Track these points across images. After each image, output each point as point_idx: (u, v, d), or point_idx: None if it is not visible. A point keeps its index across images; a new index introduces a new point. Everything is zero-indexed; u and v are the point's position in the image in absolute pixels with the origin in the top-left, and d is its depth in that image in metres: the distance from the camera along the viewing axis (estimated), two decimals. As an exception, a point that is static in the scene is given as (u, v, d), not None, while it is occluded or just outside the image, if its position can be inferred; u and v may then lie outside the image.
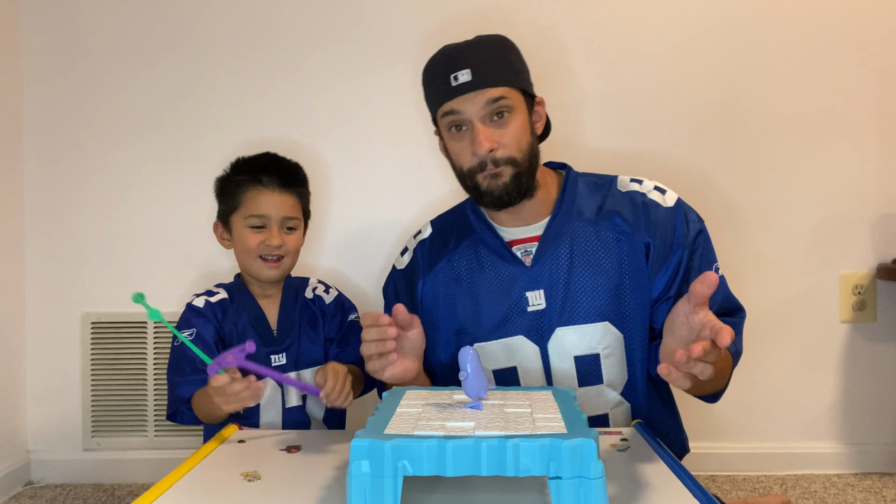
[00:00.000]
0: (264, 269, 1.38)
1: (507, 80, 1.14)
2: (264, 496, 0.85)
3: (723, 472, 1.92)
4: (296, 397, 1.40)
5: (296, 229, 1.42)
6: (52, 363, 1.93)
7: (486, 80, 1.12)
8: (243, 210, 1.39)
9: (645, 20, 1.90)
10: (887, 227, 1.92)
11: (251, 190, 1.38)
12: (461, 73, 1.13)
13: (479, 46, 1.16)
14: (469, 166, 1.16)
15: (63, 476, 1.93)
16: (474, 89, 1.12)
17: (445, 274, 1.25)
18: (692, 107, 1.90)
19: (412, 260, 1.31)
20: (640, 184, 1.23)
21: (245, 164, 1.44)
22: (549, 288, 1.17)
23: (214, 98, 1.92)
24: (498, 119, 1.14)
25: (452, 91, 1.13)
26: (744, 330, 1.21)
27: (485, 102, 1.12)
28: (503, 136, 1.14)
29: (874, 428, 1.93)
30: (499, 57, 1.15)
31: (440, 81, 1.16)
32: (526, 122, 1.17)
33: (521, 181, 1.15)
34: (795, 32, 1.90)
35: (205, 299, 1.40)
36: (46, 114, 1.93)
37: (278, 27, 1.91)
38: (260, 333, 1.39)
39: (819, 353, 1.93)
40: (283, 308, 1.43)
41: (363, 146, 1.92)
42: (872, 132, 1.91)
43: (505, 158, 1.14)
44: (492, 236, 1.23)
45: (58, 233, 1.94)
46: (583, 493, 0.70)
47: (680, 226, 1.18)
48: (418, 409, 0.84)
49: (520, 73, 1.18)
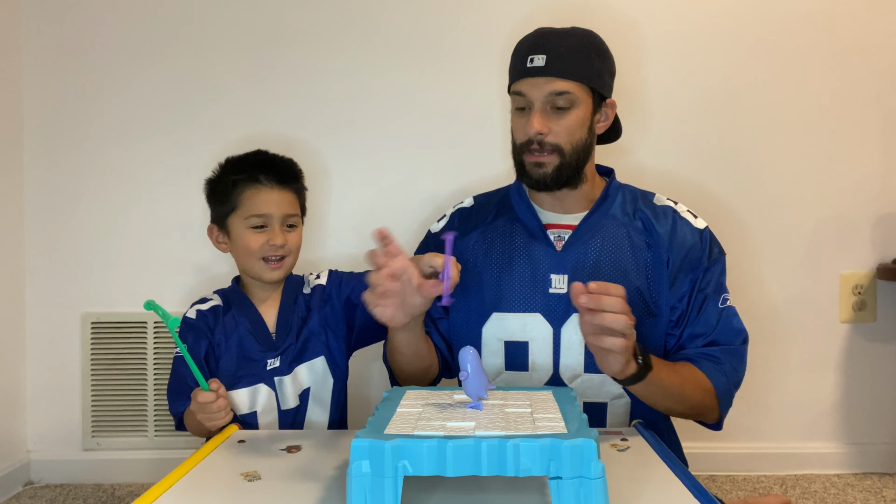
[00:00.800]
0: (267, 271, 1.36)
1: (578, 75, 1.18)
2: (264, 496, 0.85)
3: (723, 472, 1.92)
4: (292, 399, 1.38)
5: (296, 227, 1.40)
6: (52, 363, 1.94)
7: (556, 70, 1.17)
8: (242, 211, 1.35)
9: (644, 20, 1.90)
10: (887, 227, 1.92)
11: (249, 189, 1.35)
12: (537, 56, 1.18)
13: (566, 36, 1.20)
14: (520, 142, 1.22)
15: (63, 476, 1.93)
16: (543, 75, 1.17)
17: (477, 243, 1.30)
18: (692, 107, 1.90)
19: (448, 224, 1.36)
20: (675, 203, 1.30)
21: (238, 162, 1.41)
22: (574, 274, 1.22)
23: (214, 98, 1.92)
24: (558, 110, 1.18)
25: (525, 71, 1.19)
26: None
27: (549, 91, 1.17)
28: (557, 124, 1.19)
29: (874, 428, 1.93)
30: (580, 51, 1.19)
31: (519, 59, 1.21)
32: (586, 118, 1.21)
33: (561, 173, 1.20)
34: (795, 32, 1.90)
35: (196, 309, 1.38)
36: (46, 114, 1.93)
37: (278, 26, 1.91)
38: (258, 338, 1.37)
39: (819, 353, 1.93)
40: (282, 311, 1.40)
41: (364, 142, 1.92)
42: (872, 132, 1.92)
43: (552, 145, 1.19)
44: (530, 215, 1.28)
45: (58, 233, 1.94)
46: (583, 493, 0.70)
47: (706, 248, 1.24)
48: (418, 409, 0.84)
49: (595, 72, 1.21)
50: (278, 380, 1.36)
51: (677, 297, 1.22)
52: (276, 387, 1.36)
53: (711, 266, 1.24)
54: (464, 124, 1.90)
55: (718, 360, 1.19)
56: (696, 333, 1.22)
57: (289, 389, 1.37)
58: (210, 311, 1.38)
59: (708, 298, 1.23)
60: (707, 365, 1.18)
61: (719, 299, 1.24)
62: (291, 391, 1.37)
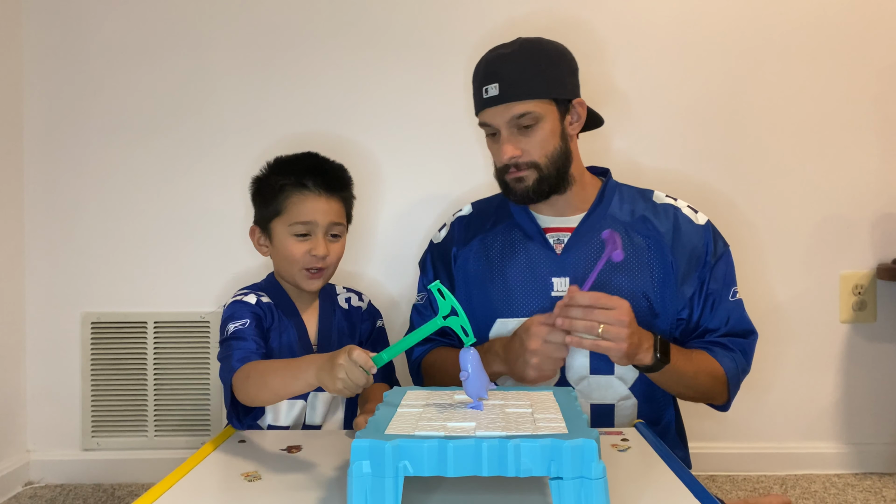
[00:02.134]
0: (306, 281, 1.30)
1: (535, 92, 1.20)
2: (264, 496, 0.85)
3: (723, 472, 1.92)
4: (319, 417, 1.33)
5: (340, 237, 1.34)
6: (52, 363, 1.93)
7: (511, 95, 1.20)
8: (287, 217, 1.29)
9: (645, 21, 1.90)
10: (887, 227, 1.92)
11: (296, 195, 1.29)
12: (490, 86, 1.21)
13: (512, 58, 1.21)
14: (499, 166, 1.26)
15: (63, 476, 1.93)
16: (500, 103, 1.20)
17: (478, 251, 1.32)
18: (692, 107, 1.90)
19: (449, 234, 1.39)
20: (675, 200, 1.32)
21: (287, 164, 1.34)
22: (575, 277, 1.23)
23: (215, 98, 1.92)
24: (525, 129, 1.21)
25: (483, 103, 1.23)
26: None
27: (511, 117, 1.20)
28: (528, 143, 1.22)
29: (874, 428, 1.93)
30: (529, 69, 1.20)
31: (476, 91, 1.25)
32: (555, 128, 1.23)
33: (542, 185, 1.23)
34: (795, 32, 1.90)
35: (256, 297, 1.29)
36: (46, 114, 1.93)
37: (278, 26, 1.91)
38: (303, 349, 1.32)
39: (819, 353, 1.93)
40: (323, 322, 1.36)
41: (379, 144, 1.92)
42: (872, 132, 1.91)
43: (527, 163, 1.22)
44: (528, 220, 1.30)
45: (58, 233, 1.93)
46: (584, 493, 0.70)
47: (710, 244, 1.26)
48: (419, 410, 0.84)
49: (551, 83, 1.22)
50: (313, 395, 1.32)
51: (687, 296, 1.24)
52: (309, 401, 1.33)
53: (717, 262, 1.26)
54: (460, 126, 1.90)
55: (729, 348, 1.25)
56: (709, 328, 1.26)
57: (319, 407, 1.34)
58: (267, 307, 1.30)
59: (718, 296, 1.25)
60: (719, 351, 1.24)
61: (729, 293, 1.27)
62: (321, 409, 1.34)
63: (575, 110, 1.26)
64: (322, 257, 1.28)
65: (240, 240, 1.85)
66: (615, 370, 1.23)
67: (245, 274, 1.88)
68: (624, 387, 1.24)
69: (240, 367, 1.14)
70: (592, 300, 1.06)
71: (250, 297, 1.29)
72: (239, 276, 1.88)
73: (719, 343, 1.25)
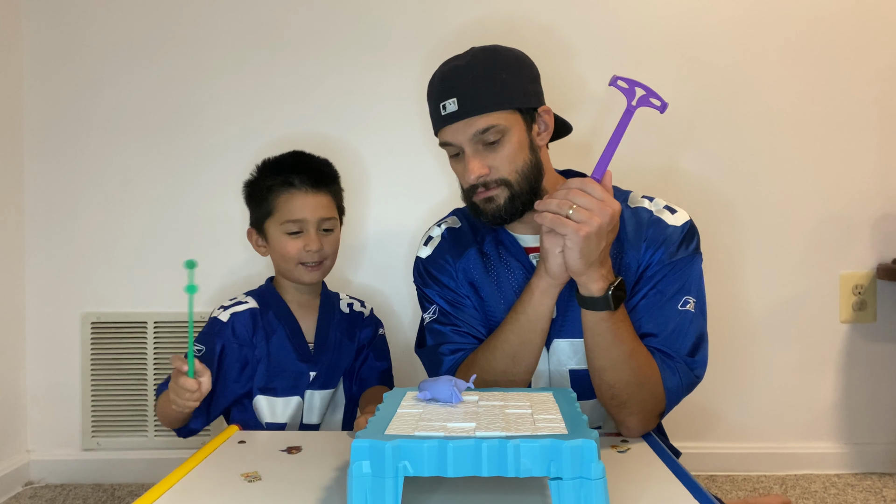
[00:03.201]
0: (305, 274, 1.34)
1: (496, 104, 1.11)
2: (264, 496, 0.85)
3: (723, 472, 1.92)
4: (317, 416, 1.37)
5: (333, 230, 1.37)
6: (52, 363, 1.93)
7: (472, 110, 1.10)
8: (278, 216, 1.32)
9: (645, 20, 1.90)
10: (887, 227, 1.92)
11: (284, 194, 1.32)
12: (448, 102, 1.11)
13: (467, 70, 1.12)
14: (466, 186, 1.17)
15: (63, 476, 1.93)
16: (461, 119, 1.11)
17: (477, 261, 1.23)
18: (692, 107, 1.90)
19: (440, 245, 1.28)
20: (650, 201, 1.20)
21: (273, 165, 1.37)
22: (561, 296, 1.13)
23: (215, 98, 1.92)
24: (490, 145, 1.12)
25: (442, 120, 1.13)
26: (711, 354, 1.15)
27: (473, 133, 1.11)
28: (495, 159, 1.12)
29: (874, 428, 1.93)
30: (487, 79, 1.11)
31: (433, 108, 1.16)
32: (522, 140, 1.14)
33: (515, 202, 1.14)
34: (795, 32, 1.90)
35: (231, 311, 1.33)
36: (46, 114, 1.93)
37: (278, 27, 1.91)
38: (296, 347, 1.34)
39: (819, 353, 1.93)
40: (322, 323, 1.38)
41: (371, 148, 1.92)
42: (872, 132, 1.91)
43: (497, 180, 1.12)
44: (510, 240, 1.23)
45: (58, 233, 1.93)
46: (583, 493, 0.70)
47: (673, 244, 1.14)
48: (419, 410, 0.84)
49: (513, 92, 1.13)
50: (310, 393, 1.35)
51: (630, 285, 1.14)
52: (306, 399, 1.35)
53: (676, 263, 1.13)
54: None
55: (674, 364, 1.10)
56: (645, 332, 1.11)
57: (317, 405, 1.36)
58: (248, 315, 1.34)
59: (665, 299, 1.12)
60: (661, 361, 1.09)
61: (680, 301, 1.13)
62: (319, 407, 1.36)
63: (542, 119, 1.17)
64: (316, 251, 1.32)
65: (239, 240, 1.85)
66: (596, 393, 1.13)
67: (244, 273, 1.88)
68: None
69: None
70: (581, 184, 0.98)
71: (223, 315, 1.32)
72: (238, 276, 1.88)
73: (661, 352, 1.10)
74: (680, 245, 1.14)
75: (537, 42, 1.80)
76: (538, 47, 1.31)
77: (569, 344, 1.16)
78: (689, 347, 1.11)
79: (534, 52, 1.20)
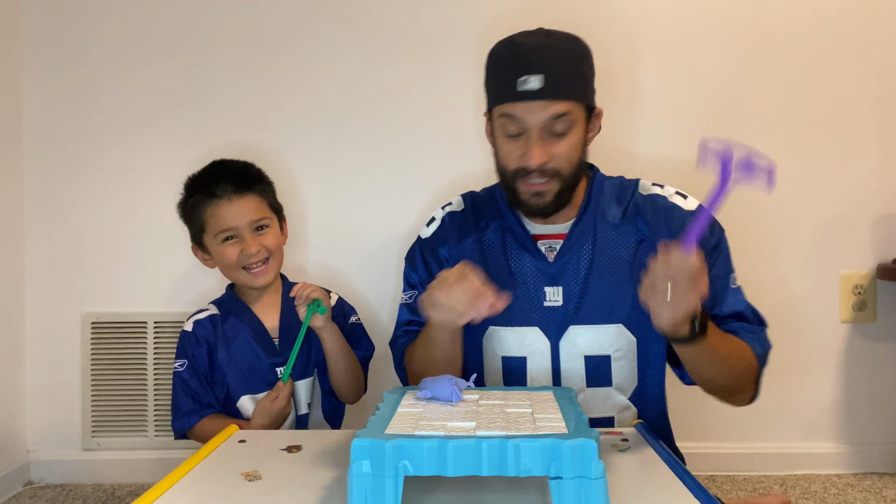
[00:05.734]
0: (251, 279, 1.36)
1: (577, 93, 1.09)
2: (265, 496, 0.85)
3: (723, 472, 1.92)
4: (304, 405, 1.40)
5: (269, 227, 1.38)
6: (52, 363, 1.93)
7: (556, 92, 1.06)
8: (210, 229, 1.35)
9: (645, 20, 1.90)
10: (887, 227, 1.92)
11: (209, 206, 1.34)
12: (533, 77, 1.05)
13: (555, 50, 1.08)
14: (514, 168, 1.13)
15: (63, 476, 1.93)
16: (540, 98, 1.06)
17: (474, 251, 1.22)
18: (691, 106, 1.90)
19: (439, 230, 1.28)
20: (661, 188, 1.23)
21: (194, 181, 1.40)
22: (568, 286, 1.17)
23: (215, 98, 1.92)
24: (557, 135, 1.09)
25: (518, 94, 1.07)
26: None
27: (549, 116, 1.07)
28: (557, 149, 1.10)
29: (874, 428, 1.93)
30: (575, 66, 1.09)
31: (506, 79, 1.08)
32: (581, 137, 1.13)
33: (561, 198, 1.14)
34: (795, 32, 1.90)
35: (194, 321, 1.39)
36: (46, 114, 1.93)
37: (279, 26, 1.91)
38: (262, 345, 1.37)
39: (819, 353, 1.93)
40: (284, 318, 1.40)
41: (357, 147, 1.92)
42: (872, 132, 1.91)
43: (553, 170, 1.11)
44: (519, 227, 1.22)
45: (58, 233, 1.93)
46: (584, 493, 0.70)
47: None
48: (419, 409, 0.84)
49: (588, 86, 1.12)
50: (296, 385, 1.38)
51: None
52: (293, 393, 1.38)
53: (715, 248, 1.18)
54: (442, 124, 1.90)
55: (751, 331, 1.17)
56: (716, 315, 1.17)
57: (301, 396, 1.39)
58: (208, 321, 1.38)
59: (721, 282, 1.18)
60: (741, 331, 1.16)
61: (729, 279, 1.20)
62: (304, 398, 1.39)
63: (597, 120, 1.16)
64: (255, 253, 1.33)
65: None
66: (612, 381, 1.18)
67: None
68: (623, 397, 1.20)
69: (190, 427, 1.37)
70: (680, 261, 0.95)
71: (188, 325, 1.38)
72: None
73: (735, 330, 1.16)
74: (710, 228, 1.18)
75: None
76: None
77: (588, 331, 1.16)
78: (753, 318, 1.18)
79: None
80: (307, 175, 1.90)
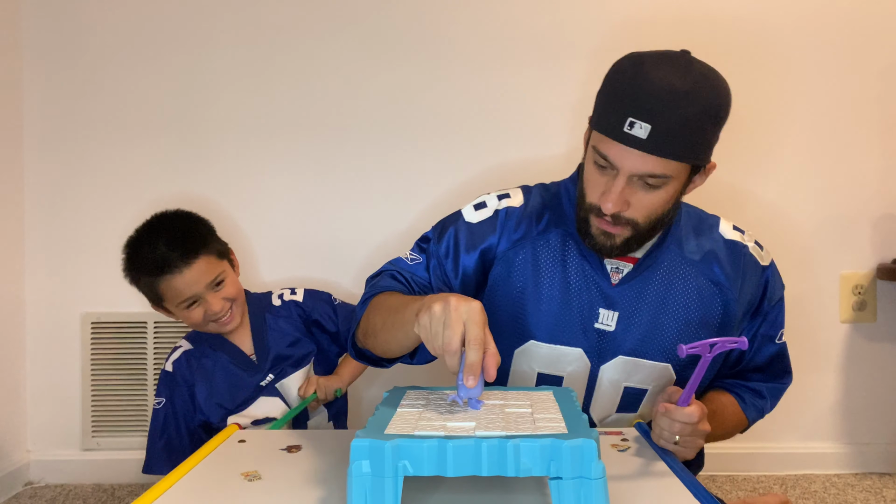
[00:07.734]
0: (222, 327, 1.37)
1: (686, 154, 0.98)
2: (265, 496, 0.85)
3: (723, 472, 1.92)
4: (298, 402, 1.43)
5: (225, 278, 1.37)
6: (52, 363, 1.93)
7: (660, 149, 0.96)
8: (170, 300, 1.34)
9: (645, 20, 1.90)
10: (887, 227, 1.92)
11: (162, 282, 1.31)
12: (639, 124, 0.95)
13: (680, 97, 0.96)
14: (590, 200, 1.05)
15: (63, 476, 1.93)
16: (641, 149, 0.96)
17: (525, 257, 1.12)
18: (692, 107, 1.90)
19: (490, 219, 1.14)
20: (742, 234, 1.18)
21: (136, 257, 1.35)
22: (625, 313, 1.10)
23: (215, 98, 1.92)
24: (646, 187, 1.01)
25: (620, 135, 0.97)
26: None
27: (643, 171, 0.99)
28: (640, 200, 1.01)
29: (874, 428, 1.93)
30: (695, 124, 0.97)
31: (615, 113, 0.98)
32: (674, 194, 1.04)
33: (630, 244, 1.06)
34: (795, 32, 1.90)
35: (172, 361, 1.40)
36: (46, 114, 1.93)
37: (280, 24, 1.91)
38: (241, 367, 1.39)
39: (819, 353, 1.93)
40: (255, 333, 1.42)
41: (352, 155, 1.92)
42: (872, 132, 1.91)
43: (627, 219, 1.03)
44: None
45: (58, 233, 1.93)
46: (583, 493, 0.70)
47: (771, 290, 1.18)
48: (419, 409, 0.84)
49: (705, 148, 1.02)
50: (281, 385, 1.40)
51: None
52: (284, 394, 1.39)
53: (772, 309, 1.20)
54: (443, 124, 1.90)
55: (762, 395, 1.22)
56: (749, 367, 1.22)
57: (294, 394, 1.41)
58: (183, 359, 1.40)
59: (768, 339, 1.21)
60: (749, 399, 1.21)
61: (777, 335, 1.22)
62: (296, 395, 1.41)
63: (703, 174, 1.07)
64: (219, 310, 1.34)
65: (239, 240, 1.86)
66: (639, 409, 1.17)
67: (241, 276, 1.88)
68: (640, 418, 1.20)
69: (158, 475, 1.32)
70: (683, 416, 0.96)
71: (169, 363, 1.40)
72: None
73: (753, 390, 1.21)
74: (775, 290, 1.20)
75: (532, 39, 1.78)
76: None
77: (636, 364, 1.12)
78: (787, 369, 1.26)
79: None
80: (307, 174, 1.90)
